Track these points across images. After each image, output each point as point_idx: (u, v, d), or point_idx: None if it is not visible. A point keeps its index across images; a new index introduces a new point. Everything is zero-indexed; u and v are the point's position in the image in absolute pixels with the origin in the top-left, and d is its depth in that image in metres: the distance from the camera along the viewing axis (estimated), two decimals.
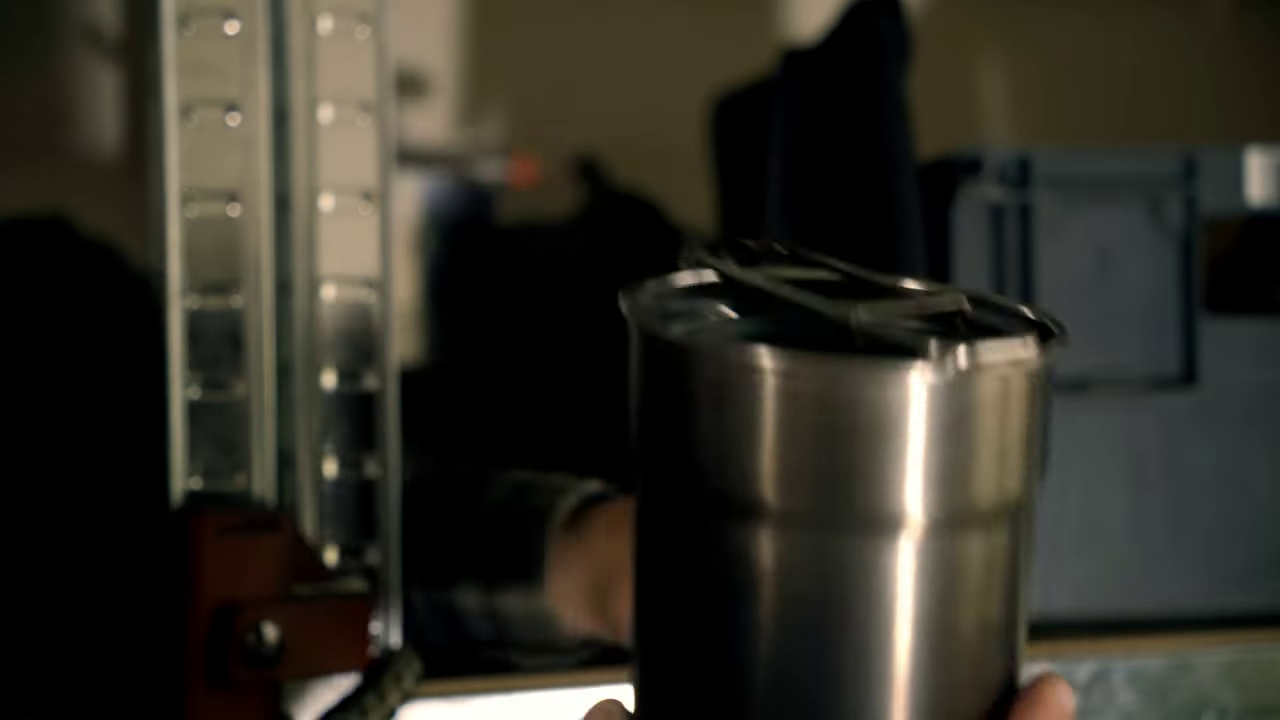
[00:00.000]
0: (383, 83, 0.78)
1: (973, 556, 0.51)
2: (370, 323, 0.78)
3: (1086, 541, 0.93)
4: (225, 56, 0.77)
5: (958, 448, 0.50)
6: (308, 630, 0.75)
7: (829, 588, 0.50)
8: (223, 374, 0.77)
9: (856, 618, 0.50)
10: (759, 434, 0.50)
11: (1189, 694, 0.89)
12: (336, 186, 0.78)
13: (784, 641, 0.51)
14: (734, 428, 0.50)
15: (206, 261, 0.76)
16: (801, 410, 0.49)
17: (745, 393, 0.49)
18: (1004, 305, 0.54)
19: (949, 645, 0.51)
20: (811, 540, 0.50)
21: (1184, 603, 0.95)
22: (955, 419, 0.49)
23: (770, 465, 0.50)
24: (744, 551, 0.50)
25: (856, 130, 0.91)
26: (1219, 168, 0.96)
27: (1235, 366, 0.96)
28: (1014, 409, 0.51)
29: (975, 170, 0.93)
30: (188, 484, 0.76)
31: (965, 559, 0.51)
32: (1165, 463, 0.95)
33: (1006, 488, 0.51)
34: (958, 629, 0.51)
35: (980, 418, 0.50)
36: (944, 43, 1.55)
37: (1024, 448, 0.51)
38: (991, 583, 0.52)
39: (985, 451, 0.50)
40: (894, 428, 0.49)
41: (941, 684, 0.51)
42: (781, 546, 0.50)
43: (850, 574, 0.50)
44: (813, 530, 0.50)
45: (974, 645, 0.52)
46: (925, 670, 0.51)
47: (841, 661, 0.51)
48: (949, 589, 0.51)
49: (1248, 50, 1.64)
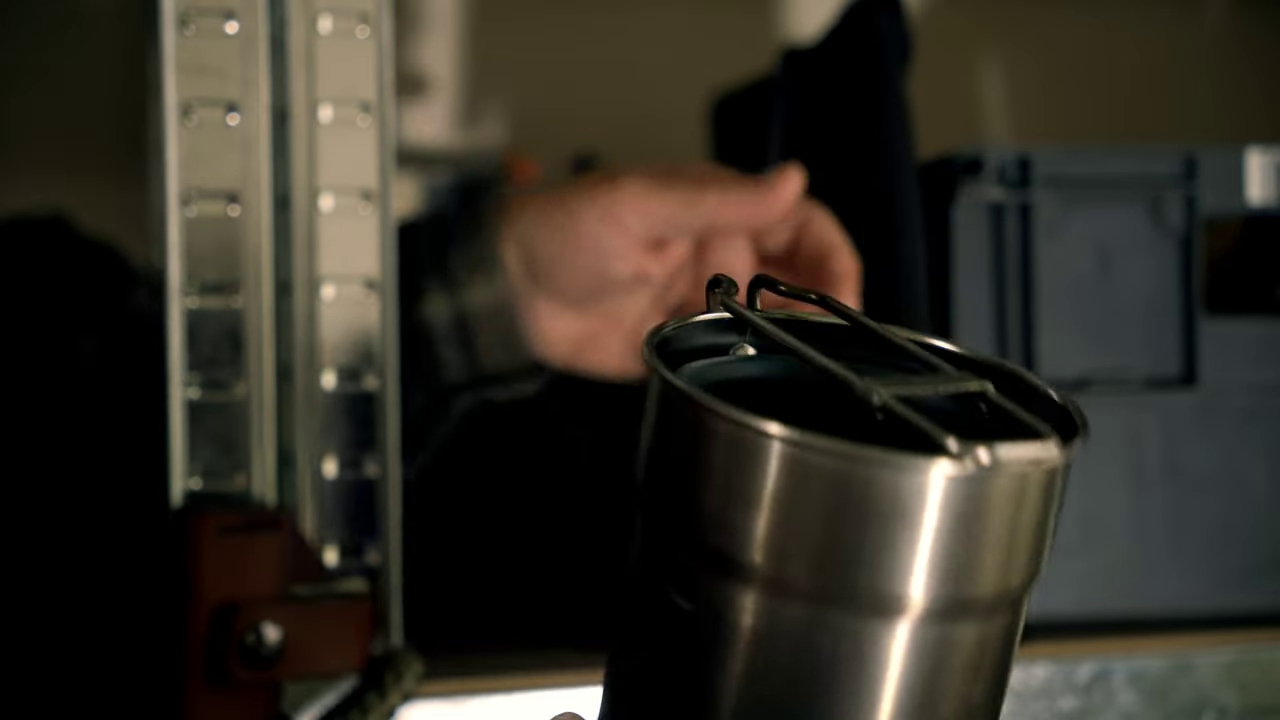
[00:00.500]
0: (383, 83, 0.78)
1: (966, 643, 0.51)
2: (370, 323, 0.78)
3: (1086, 541, 0.93)
4: (225, 56, 0.77)
5: (967, 540, 0.50)
6: (308, 630, 0.75)
7: (817, 662, 0.50)
8: (223, 374, 0.77)
9: (840, 695, 0.50)
10: (767, 501, 0.50)
11: (1189, 694, 0.89)
12: (336, 186, 0.78)
13: (756, 707, 0.51)
14: (742, 491, 0.50)
15: (206, 261, 0.76)
16: (813, 486, 0.49)
17: (757, 459, 0.50)
18: (1029, 383, 0.54)
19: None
20: (804, 613, 0.50)
21: (1184, 603, 0.95)
22: (967, 513, 0.49)
23: (774, 534, 0.50)
24: (733, 612, 0.51)
25: (857, 130, 0.91)
26: (1219, 168, 0.96)
27: (1235, 366, 0.96)
28: (1028, 506, 0.51)
29: (975, 170, 0.92)
30: (188, 484, 0.76)
31: (958, 645, 0.51)
32: (1165, 463, 0.95)
33: (1010, 580, 0.51)
34: (939, 711, 0.51)
35: (993, 514, 0.50)
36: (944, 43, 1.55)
37: (1033, 541, 0.52)
38: (981, 666, 0.52)
39: (994, 545, 0.50)
40: (904, 517, 0.49)
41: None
42: (774, 614, 0.50)
43: (840, 652, 0.50)
44: (808, 604, 0.50)
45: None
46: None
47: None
48: (937, 672, 0.51)
49: (1248, 50, 1.64)
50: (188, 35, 0.76)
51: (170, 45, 0.76)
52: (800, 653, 0.50)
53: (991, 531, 0.50)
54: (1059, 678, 0.88)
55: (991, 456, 0.48)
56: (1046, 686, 0.88)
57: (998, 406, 0.53)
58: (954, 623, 0.51)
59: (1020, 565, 0.51)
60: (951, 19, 1.57)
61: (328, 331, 0.78)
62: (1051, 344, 0.93)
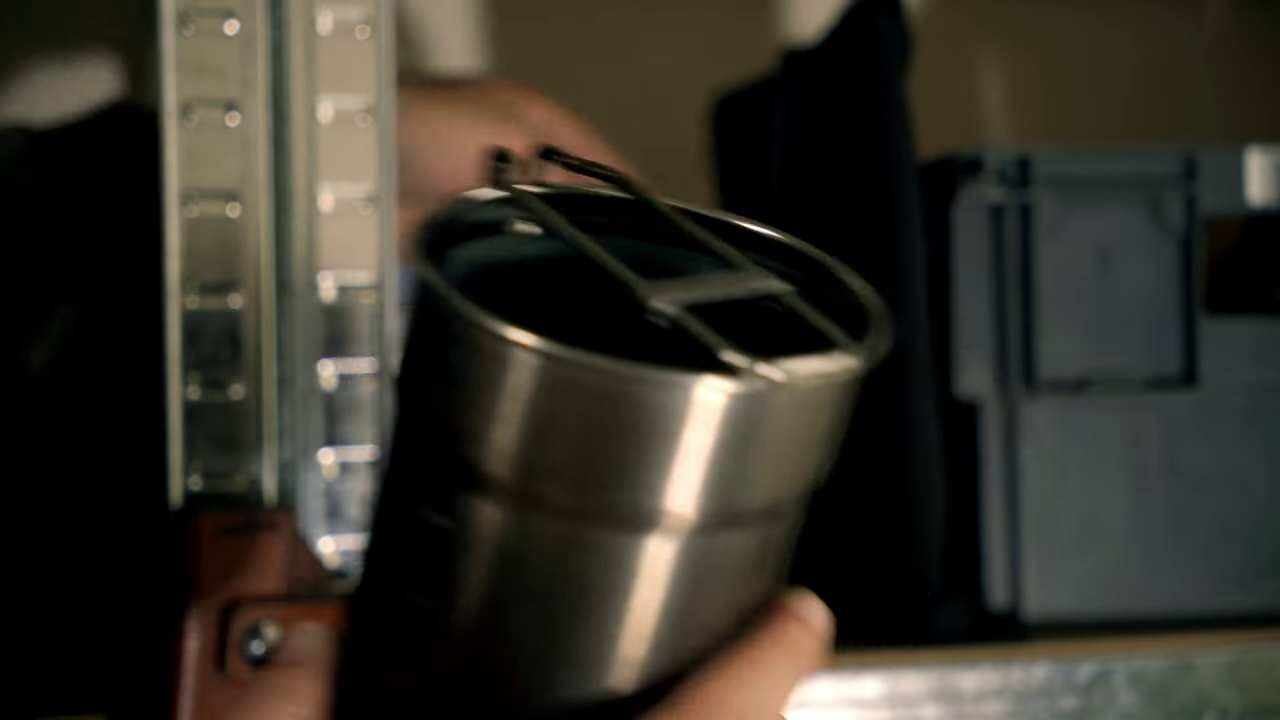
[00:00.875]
0: (383, 83, 0.78)
1: (737, 552, 0.49)
2: (370, 323, 0.78)
3: (1086, 541, 0.93)
4: (225, 56, 0.76)
5: (745, 455, 0.47)
6: None
7: (579, 579, 0.47)
8: (222, 374, 0.77)
9: (604, 612, 0.48)
10: (522, 415, 0.46)
11: (1189, 694, 0.89)
12: (336, 186, 0.78)
13: (518, 625, 0.48)
14: (493, 402, 0.46)
15: (206, 261, 0.76)
16: (572, 402, 0.46)
17: (510, 370, 0.46)
18: (837, 277, 0.51)
19: (694, 631, 0.49)
20: (564, 529, 0.47)
21: (1184, 603, 0.95)
22: (747, 430, 0.46)
23: (530, 448, 0.46)
24: (490, 530, 0.47)
25: (857, 130, 0.91)
26: (1219, 168, 0.96)
27: (1235, 366, 0.96)
28: (814, 419, 0.48)
29: (975, 170, 0.92)
30: (188, 484, 0.76)
31: (729, 555, 0.49)
32: (1165, 463, 0.95)
33: (788, 489, 0.49)
34: (710, 622, 0.49)
35: (775, 429, 0.47)
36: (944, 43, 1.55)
37: (818, 450, 0.49)
38: (756, 574, 0.50)
39: (773, 458, 0.47)
40: (674, 435, 0.46)
41: (682, 664, 0.49)
42: (533, 531, 0.47)
43: (601, 567, 0.47)
44: (567, 520, 0.47)
45: (722, 630, 0.50)
46: (664, 653, 0.49)
47: (576, 646, 0.48)
48: (706, 584, 0.48)
49: (1248, 50, 1.64)
50: (187, 35, 0.76)
51: (170, 45, 0.76)
52: (560, 568, 0.47)
53: (772, 445, 0.47)
54: (1059, 678, 0.88)
55: (775, 371, 0.45)
56: (1046, 686, 0.88)
57: (793, 310, 0.49)
58: (725, 534, 0.48)
59: (801, 474, 0.49)
60: (951, 19, 1.57)
61: (327, 331, 0.78)
62: (1051, 344, 0.93)
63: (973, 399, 0.94)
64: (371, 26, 0.78)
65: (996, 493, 0.93)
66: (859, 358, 0.47)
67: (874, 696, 0.85)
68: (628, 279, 0.47)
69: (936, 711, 0.86)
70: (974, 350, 0.94)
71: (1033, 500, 0.92)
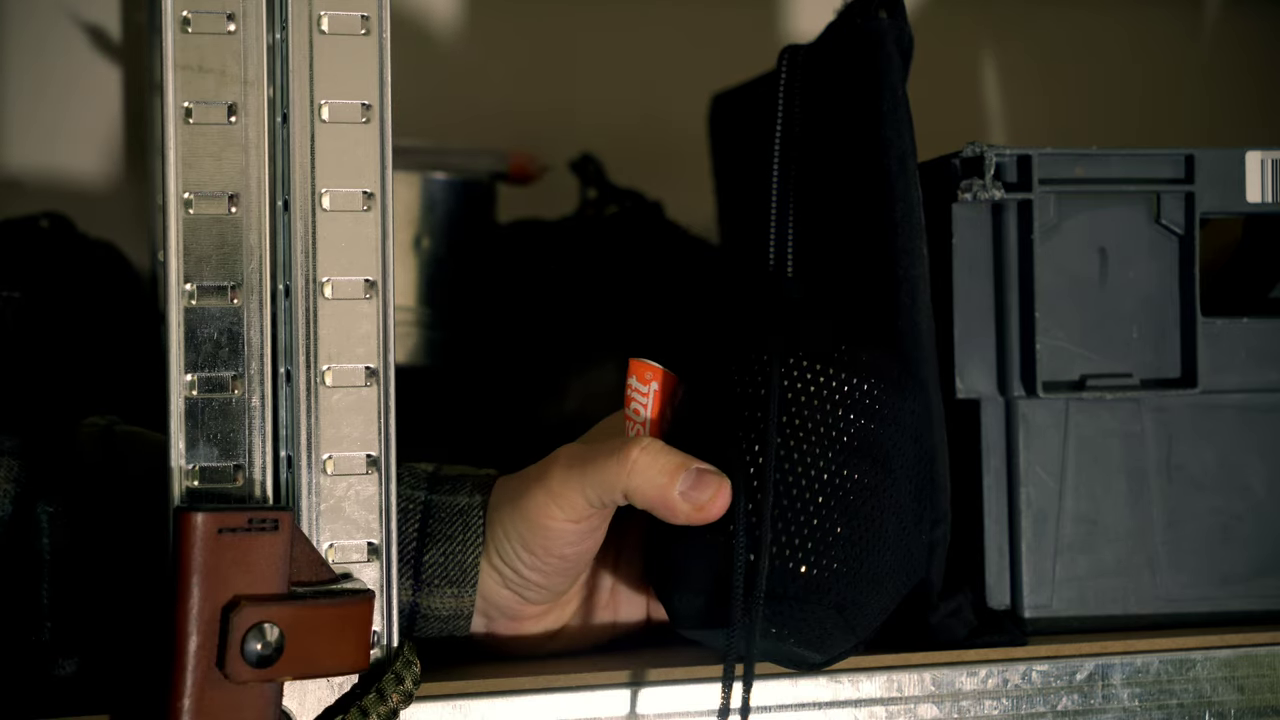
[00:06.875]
0: (383, 83, 0.79)
1: None
2: (370, 322, 0.78)
3: (1086, 541, 0.93)
4: (225, 56, 0.77)
5: None
6: (308, 630, 0.75)
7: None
8: (222, 374, 0.77)
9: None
10: None
11: (1189, 694, 0.89)
12: (336, 186, 0.78)
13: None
14: None
15: (206, 261, 0.76)
16: None
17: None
18: None
19: None
20: None
21: (1184, 603, 0.95)
22: None
23: None
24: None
25: (857, 129, 0.91)
26: (1218, 168, 0.96)
27: (1234, 367, 0.96)
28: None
29: (975, 170, 0.93)
30: (187, 484, 0.76)
31: None
32: (1164, 463, 0.95)
33: None
34: None
35: None
36: (944, 43, 1.55)
37: None
38: None
39: None
40: None
41: None
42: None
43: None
44: None
45: None
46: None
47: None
48: None
49: (1247, 50, 1.64)
50: (188, 35, 0.76)
51: (171, 45, 0.76)
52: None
53: None
54: (1059, 678, 0.88)
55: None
56: (1046, 686, 0.88)
57: None
58: None
59: None
60: (951, 19, 1.57)
61: (328, 331, 0.78)
62: (1051, 344, 0.94)
63: (973, 399, 0.94)
64: (372, 26, 0.78)
65: (996, 493, 0.93)
66: None
67: (874, 697, 0.85)
68: None
69: (936, 711, 0.86)
70: (974, 350, 0.94)
71: (1032, 500, 0.93)
